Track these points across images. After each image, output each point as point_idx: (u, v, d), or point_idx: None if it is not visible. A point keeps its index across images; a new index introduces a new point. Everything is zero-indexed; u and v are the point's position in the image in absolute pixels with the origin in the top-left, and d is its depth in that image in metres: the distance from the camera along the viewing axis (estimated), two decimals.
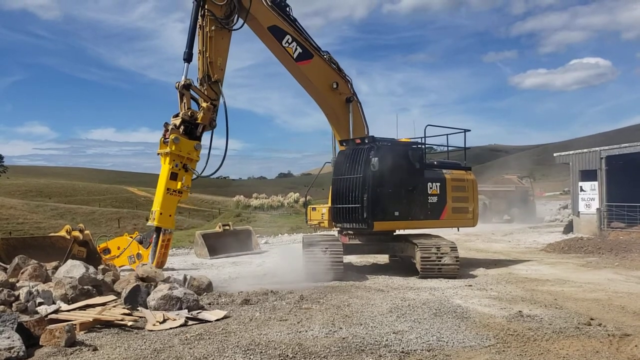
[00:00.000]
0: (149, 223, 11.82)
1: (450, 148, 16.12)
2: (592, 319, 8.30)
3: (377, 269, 15.08)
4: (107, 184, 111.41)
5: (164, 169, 11.57)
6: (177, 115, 11.81)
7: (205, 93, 11.98)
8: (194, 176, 12.05)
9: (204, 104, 11.86)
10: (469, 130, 15.61)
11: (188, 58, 11.80)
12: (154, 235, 11.85)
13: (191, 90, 11.79)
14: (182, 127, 11.62)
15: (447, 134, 15.40)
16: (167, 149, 11.39)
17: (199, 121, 11.76)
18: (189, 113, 11.66)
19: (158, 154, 11.75)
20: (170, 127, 11.60)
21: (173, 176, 11.51)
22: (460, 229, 15.63)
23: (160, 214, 11.50)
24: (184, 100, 11.77)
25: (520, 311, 8.95)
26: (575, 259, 16.53)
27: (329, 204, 14.62)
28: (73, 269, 10.29)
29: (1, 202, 50.78)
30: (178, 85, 11.70)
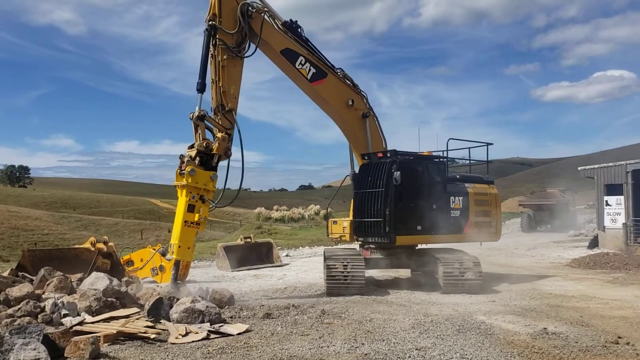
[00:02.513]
0: (168, 257, 11.76)
1: (472, 162, 16.05)
2: (619, 337, 8.13)
3: (399, 284, 14.95)
4: (130, 196, 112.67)
5: (180, 202, 11.48)
6: (192, 147, 11.73)
7: (220, 123, 11.93)
8: (211, 207, 11.98)
9: (219, 134, 11.79)
10: (491, 144, 15.50)
11: (201, 89, 11.70)
12: (173, 270, 11.63)
13: (206, 120, 11.74)
14: (197, 158, 11.55)
15: (468, 147, 15.32)
16: (184, 182, 11.32)
17: (214, 152, 11.67)
18: (204, 144, 11.58)
19: (174, 186, 11.68)
20: (186, 159, 11.50)
21: (190, 208, 11.40)
22: (483, 243, 15.48)
23: (179, 247, 11.35)
24: (199, 132, 11.71)
25: (545, 328, 8.81)
26: (601, 275, 16.24)
27: (350, 218, 14.61)
28: (97, 281, 10.40)
29: (27, 213, 51.62)
30: (192, 117, 11.64)
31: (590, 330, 8.78)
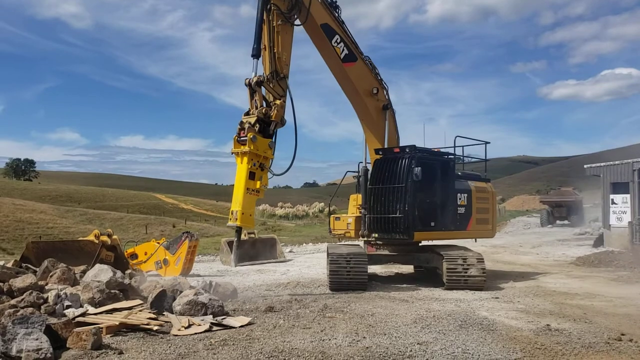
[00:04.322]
0: (230, 223, 11.43)
1: (474, 159, 16.22)
2: (622, 334, 8.09)
3: (401, 280, 14.97)
4: (135, 191, 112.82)
5: (241, 169, 11.26)
6: (247, 113, 11.59)
7: (274, 90, 11.77)
8: (270, 175, 11.82)
9: (277, 101, 11.64)
10: (489, 143, 15.68)
11: (257, 54, 11.53)
12: (236, 237, 11.57)
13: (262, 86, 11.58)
14: (257, 125, 11.37)
15: (463, 146, 15.40)
16: (246, 148, 11.10)
17: (272, 119, 11.52)
18: (263, 111, 11.42)
19: (232, 153, 11.44)
20: (246, 126, 11.27)
21: (251, 175, 11.24)
22: (487, 240, 15.51)
23: (242, 214, 11.19)
24: (255, 98, 11.55)
25: (548, 325, 8.77)
26: (605, 273, 16.17)
27: (353, 214, 14.57)
28: (100, 273, 10.43)
29: (32, 207, 51.74)
30: (249, 82, 11.49)
31: (593, 327, 8.74)
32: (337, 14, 13.52)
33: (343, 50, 13.53)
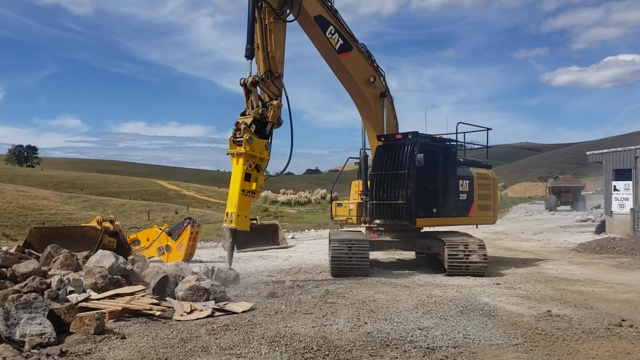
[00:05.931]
0: (225, 225, 11.47)
1: (476, 146, 16.20)
2: (623, 320, 8.11)
3: (403, 266, 15.01)
4: (137, 177, 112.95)
5: (237, 170, 11.24)
6: (243, 114, 11.52)
7: (269, 89, 11.68)
8: (266, 176, 11.78)
9: (274, 102, 11.56)
10: (491, 129, 15.67)
11: (250, 54, 11.43)
12: (231, 238, 11.59)
13: (258, 87, 11.47)
14: (253, 125, 11.29)
15: (465, 132, 15.40)
16: (242, 150, 11.07)
17: (269, 119, 11.44)
18: (260, 111, 11.35)
19: (228, 154, 11.41)
20: (242, 127, 11.23)
21: (247, 177, 11.21)
22: (487, 227, 15.53)
23: (237, 215, 11.16)
24: (251, 98, 11.46)
25: (549, 310, 8.80)
26: (607, 260, 16.19)
27: (355, 200, 14.59)
28: (103, 259, 10.45)
29: (35, 193, 51.81)
30: (244, 82, 11.41)
31: (594, 313, 8.77)
32: (330, 4, 13.22)
33: (338, 40, 13.25)
